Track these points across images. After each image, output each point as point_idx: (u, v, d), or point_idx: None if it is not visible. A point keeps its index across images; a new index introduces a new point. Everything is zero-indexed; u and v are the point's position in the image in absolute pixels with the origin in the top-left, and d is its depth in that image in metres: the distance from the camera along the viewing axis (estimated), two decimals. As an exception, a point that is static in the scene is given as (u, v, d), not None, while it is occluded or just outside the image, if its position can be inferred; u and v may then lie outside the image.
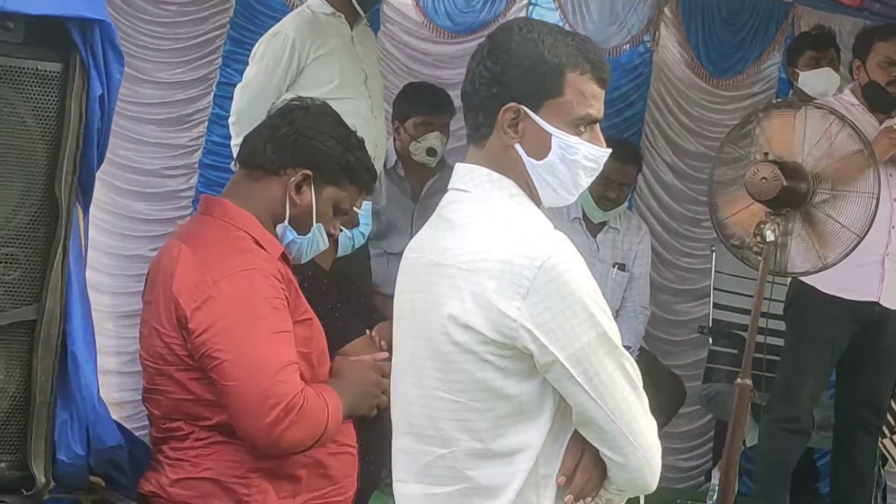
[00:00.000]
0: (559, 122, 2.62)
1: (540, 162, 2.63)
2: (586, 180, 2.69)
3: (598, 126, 2.68)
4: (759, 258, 4.76)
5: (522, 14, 7.30)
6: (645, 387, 2.62)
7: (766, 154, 4.81)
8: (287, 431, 3.24)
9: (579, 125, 2.63)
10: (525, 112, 2.61)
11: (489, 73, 2.63)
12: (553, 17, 7.32)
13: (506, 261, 2.50)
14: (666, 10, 7.55)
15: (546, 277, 2.48)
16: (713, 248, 6.96)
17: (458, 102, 6.33)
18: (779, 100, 7.04)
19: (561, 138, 2.62)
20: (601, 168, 2.71)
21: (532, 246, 2.51)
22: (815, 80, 6.75)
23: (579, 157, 2.64)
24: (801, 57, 6.87)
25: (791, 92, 7.01)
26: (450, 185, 2.70)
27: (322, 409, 3.32)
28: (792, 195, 4.75)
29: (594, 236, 6.54)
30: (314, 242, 3.62)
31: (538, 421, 2.56)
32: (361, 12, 5.75)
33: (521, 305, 2.48)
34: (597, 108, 2.65)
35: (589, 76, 2.63)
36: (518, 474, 2.55)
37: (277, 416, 3.22)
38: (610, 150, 2.71)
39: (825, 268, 4.88)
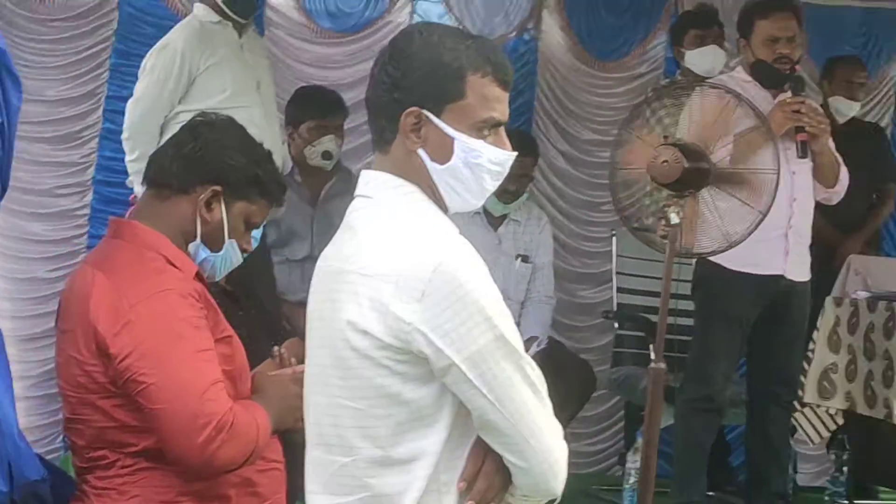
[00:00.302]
0: (462, 125, 2.60)
1: (443, 166, 2.62)
2: (492, 184, 2.68)
3: (502, 129, 2.66)
4: (665, 241, 4.77)
5: (406, 10, 7.30)
6: (555, 375, 2.63)
7: (665, 137, 4.83)
8: (220, 450, 3.19)
9: (482, 128, 2.61)
10: (427, 116, 2.60)
11: (390, 79, 2.62)
12: (437, 11, 7.32)
13: (402, 265, 2.50)
14: (547, -3, 7.58)
15: (441, 280, 2.47)
16: (614, 232, 6.99)
17: (350, 103, 6.38)
18: (670, 80, 7.11)
19: (464, 142, 2.60)
20: (507, 171, 2.69)
21: (429, 250, 2.51)
22: (702, 59, 6.82)
23: (483, 161, 2.62)
24: (685, 36, 6.93)
25: (678, 71, 7.06)
26: (355, 193, 2.70)
27: (252, 425, 3.28)
28: (694, 176, 4.76)
29: (496, 229, 6.54)
30: (227, 259, 3.56)
31: (437, 427, 2.55)
32: (240, 19, 5.71)
33: (416, 309, 2.47)
34: (500, 111, 2.63)
35: (491, 79, 2.61)
36: (417, 481, 2.54)
37: (209, 436, 3.16)
38: (515, 154, 2.70)
39: (731, 246, 4.90)
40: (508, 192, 6.40)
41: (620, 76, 7.77)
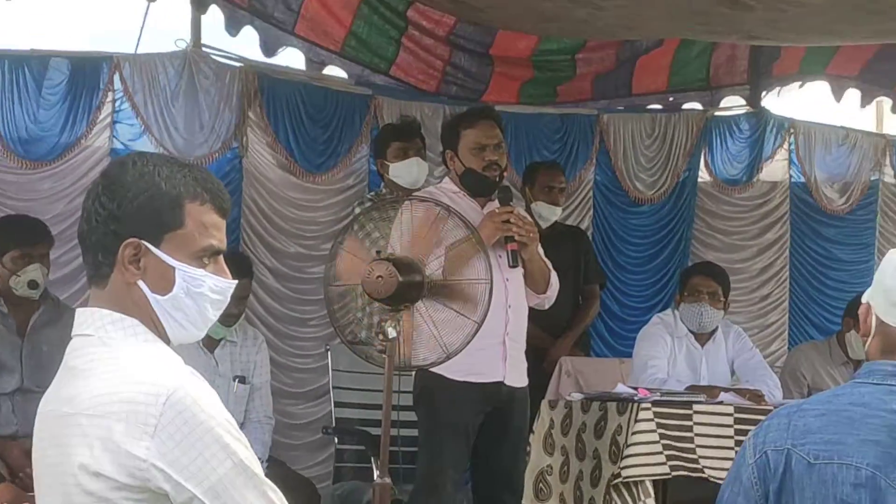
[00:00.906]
0: (181, 254, 2.56)
1: (165, 297, 2.56)
2: (214, 314, 2.64)
3: (221, 257, 2.63)
4: (383, 355, 4.76)
5: (106, 134, 7.12)
6: None
7: (378, 252, 4.84)
8: None
9: (202, 257, 2.58)
10: (146, 247, 2.54)
11: (105, 211, 2.54)
12: (135, 133, 7.18)
13: (130, 401, 2.42)
14: (251, 114, 7.53)
15: (173, 412, 2.41)
16: (328, 347, 6.96)
17: (55, 232, 6.19)
18: (375, 193, 7.15)
19: (185, 271, 2.56)
20: (228, 300, 2.65)
21: (156, 382, 2.44)
22: (406, 171, 6.89)
23: (205, 290, 2.58)
24: (388, 148, 6.99)
25: (382, 184, 7.11)
26: (73, 332, 2.60)
27: None
28: (408, 290, 4.78)
29: (212, 352, 6.42)
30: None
31: None
32: None
33: (149, 445, 2.40)
34: (219, 239, 2.60)
35: (209, 206, 2.58)
36: None
37: None
38: (236, 282, 2.67)
39: (449, 357, 4.93)
40: (232, 315, 6.27)
41: (328, 189, 7.81)
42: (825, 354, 7.49)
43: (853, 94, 9.23)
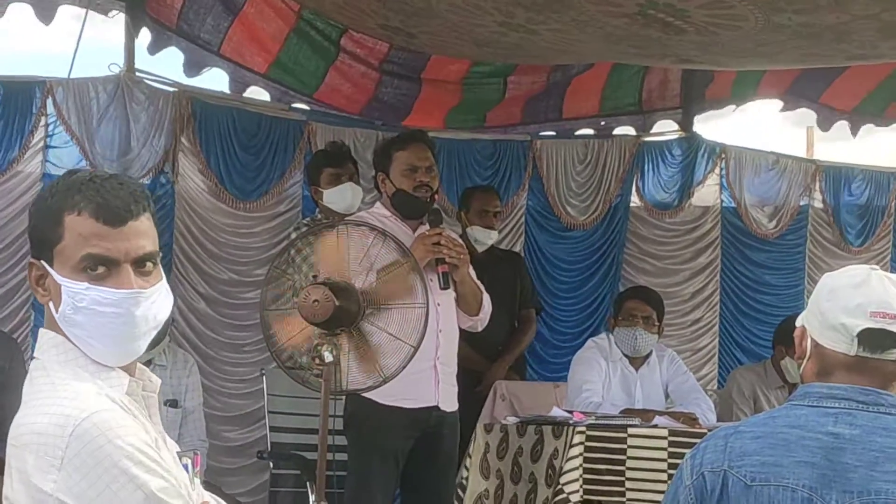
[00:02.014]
0: (66, 269, 2.48)
1: (58, 315, 2.50)
2: (120, 329, 2.49)
3: (125, 268, 2.49)
4: (320, 380, 4.76)
5: (38, 158, 7.07)
6: None
7: (314, 276, 4.84)
8: None
9: (86, 268, 2.47)
10: (45, 266, 2.50)
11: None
12: (72, 154, 7.13)
13: (41, 432, 2.38)
14: (183, 139, 7.50)
15: (79, 444, 2.35)
16: (263, 372, 6.92)
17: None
18: (311, 219, 7.13)
19: (68, 286, 2.47)
20: (128, 311, 2.50)
21: (64, 412, 2.38)
22: (339, 197, 6.87)
23: (89, 304, 2.46)
24: (320, 175, 6.98)
25: (317, 209, 7.10)
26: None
27: None
28: (345, 314, 4.79)
29: (141, 376, 6.36)
30: None
31: None
32: None
33: (56, 478, 2.34)
34: (104, 248, 2.47)
35: (86, 215, 2.47)
36: None
37: None
38: (136, 290, 2.50)
39: (385, 381, 4.94)
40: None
41: (260, 215, 7.78)
42: (762, 377, 7.56)
43: (776, 104, 9.40)
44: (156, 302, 2.55)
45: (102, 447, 2.35)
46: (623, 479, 5.61)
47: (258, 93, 7.95)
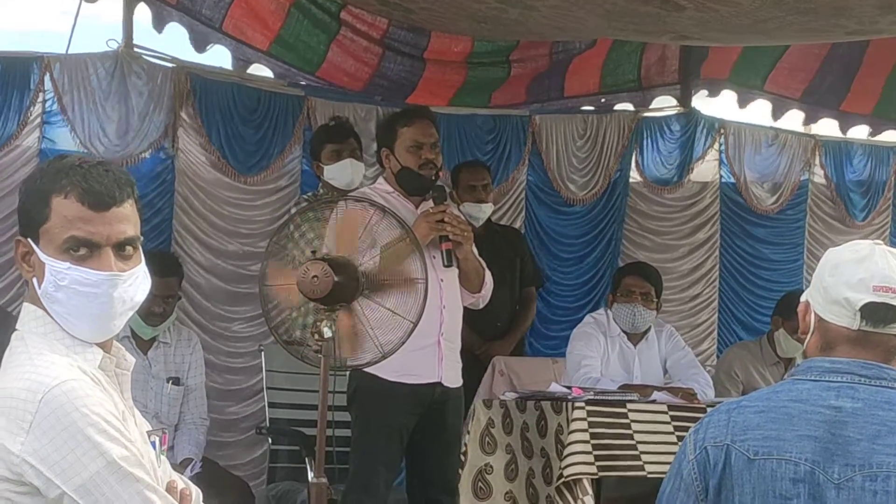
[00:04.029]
0: (50, 249, 2.62)
1: (40, 291, 2.63)
2: (98, 308, 2.64)
3: (106, 251, 2.62)
4: (319, 355, 4.75)
5: (36, 134, 7.05)
6: (211, 495, 2.58)
7: (313, 252, 4.83)
8: None
9: (69, 249, 2.61)
10: (31, 244, 2.63)
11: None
12: (65, 134, 7.11)
13: (13, 396, 2.51)
14: (183, 114, 7.49)
15: (48, 409, 2.48)
16: (261, 347, 6.93)
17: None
18: (312, 194, 7.12)
19: (51, 265, 2.61)
20: (106, 293, 2.63)
21: (37, 380, 2.52)
22: (340, 173, 6.86)
23: (70, 283, 2.62)
24: (322, 151, 6.96)
25: (319, 185, 7.08)
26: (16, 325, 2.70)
27: None
28: (344, 290, 4.77)
29: (145, 353, 6.37)
30: None
31: None
32: None
33: (24, 440, 2.48)
34: (87, 231, 2.61)
35: (74, 199, 2.62)
36: None
37: None
38: (114, 273, 2.64)
39: (384, 357, 4.92)
40: (155, 314, 6.26)
41: (261, 189, 7.77)
42: (757, 354, 7.56)
43: (796, 116, 9.47)
44: (132, 284, 2.69)
45: (69, 414, 2.48)
46: (637, 452, 5.61)
47: (260, 70, 7.92)
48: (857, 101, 9.41)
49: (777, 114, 9.44)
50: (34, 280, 2.63)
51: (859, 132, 9.66)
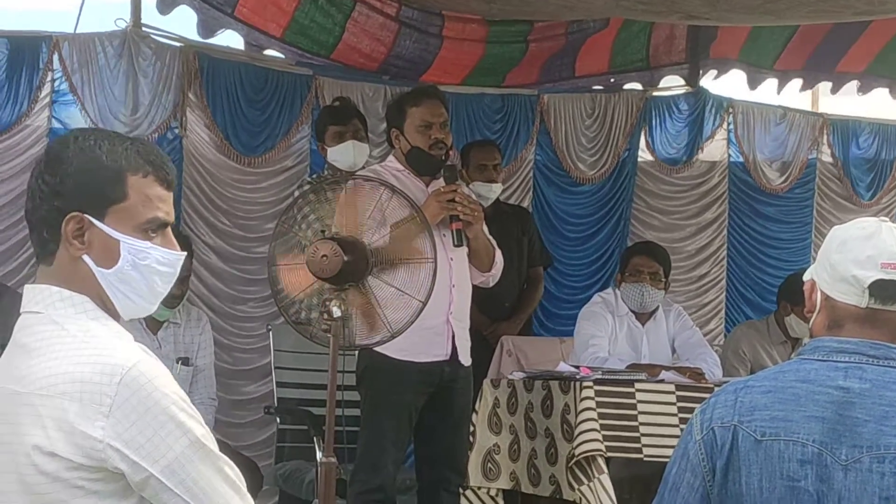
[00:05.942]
0: (126, 227, 2.56)
1: (110, 271, 2.56)
2: (163, 287, 2.65)
3: (169, 230, 2.63)
4: (328, 335, 4.76)
5: (45, 113, 7.07)
6: None
7: (323, 231, 4.85)
8: None
9: (148, 229, 2.58)
10: (90, 221, 2.54)
11: (48, 187, 2.55)
12: (75, 114, 7.12)
13: (84, 380, 2.43)
14: (190, 95, 7.48)
15: (128, 392, 2.43)
16: (270, 327, 6.94)
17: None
18: (319, 174, 7.12)
19: (130, 244, 2.56)
20: (177, 272, 2.66)
21: (109, 362, 2.45)
22: (343, 155, 6.84)
23: (151, 262, 2.59)
24: (326, 132, 6.95)
25: (325, 166, 7.08)
26: (21, 309, 2.60)
27: None
28: (353, 269, 4.80)
29: (155, 333, 6.39)
30: None
31: None
32: None
33: (104, 424, 2.42)
34: (165, 211, 2.61)
35: (153, 178, 2.59)
36: None
37: None
38: (185, 254, 2.69)
39: (394, 336, 4.95)
40: (174, 296, 6.24)
41: (266, 171, 7.77)
42: (764, 333, 7.56)
43: (796, 84, 9.44)
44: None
45: (150, 394, 2.44)
46: (638, 434, 5.63)
47: (274, 55, 7.91)
48: (853, 62, 9.35)
49: (781, 86, 9.41)
50: (85, 257, 2.55)
51: (848, 89, 9.59)
